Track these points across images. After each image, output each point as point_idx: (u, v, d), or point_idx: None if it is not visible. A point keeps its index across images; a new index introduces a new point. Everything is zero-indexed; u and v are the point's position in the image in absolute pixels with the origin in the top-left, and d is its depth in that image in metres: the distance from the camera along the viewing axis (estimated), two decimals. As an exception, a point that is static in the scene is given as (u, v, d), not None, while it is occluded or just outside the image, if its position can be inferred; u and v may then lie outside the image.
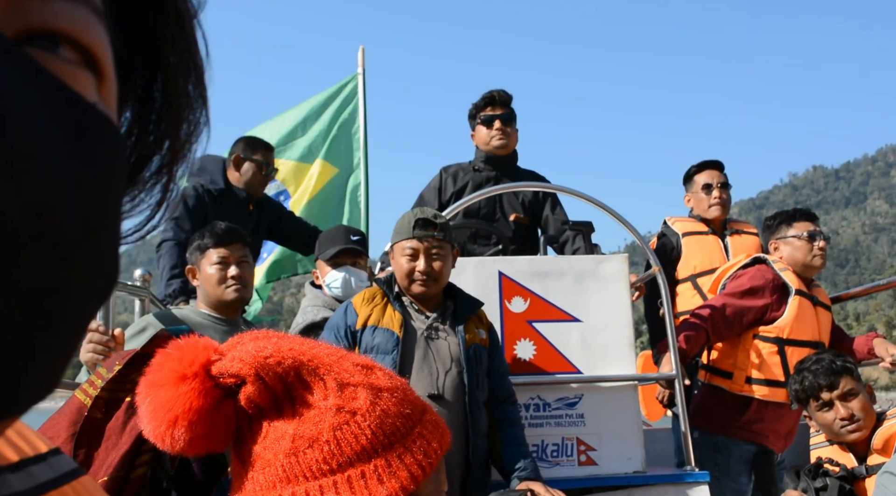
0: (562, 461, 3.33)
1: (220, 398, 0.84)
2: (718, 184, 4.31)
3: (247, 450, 0.86)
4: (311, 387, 0.85)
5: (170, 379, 0.82)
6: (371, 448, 0.84)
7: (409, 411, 0.90)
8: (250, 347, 0.86)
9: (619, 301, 3.51)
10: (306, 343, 0.91)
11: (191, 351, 0.84)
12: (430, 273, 2.88)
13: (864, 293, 4.73)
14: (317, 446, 0.83)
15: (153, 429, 0.83)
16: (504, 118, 4.26)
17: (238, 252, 3.00)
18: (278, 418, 0.84)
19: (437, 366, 2.87)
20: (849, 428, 2.79)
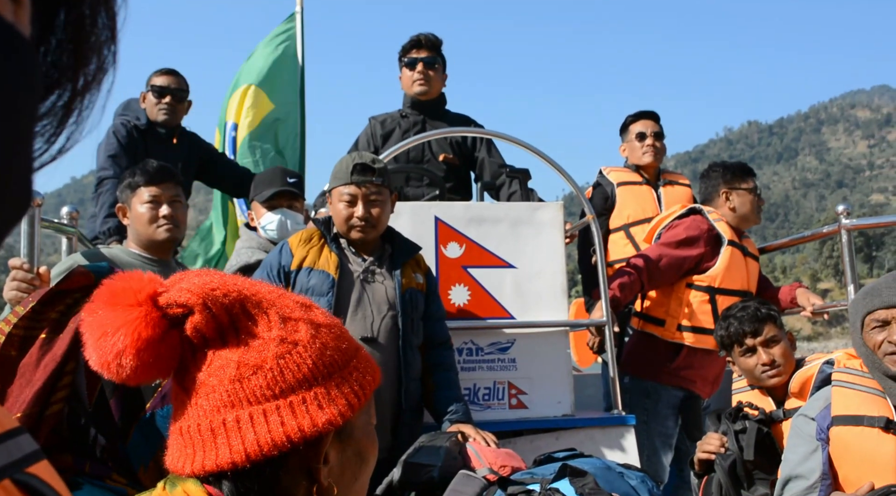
0: (493, 404, 3.38)
1: (167, 328, 0.86)
2: (652, 133, 4.35)
3: (190, 378, 0.88)
4: (256, 319, 0.89)
5: (117, 308, 0.84)
6: (311, 376, 0.88)
7: (346, 346, 0.95)
8: (196, 280, 0.89)
9: (554, 248, 3.54)
10: (249, 281, 0.95)
11: (137, 281, 0.86)
12: (368, 219, 2.86)
13: (790, 244, 4.87)
14: (261, 373, 0.87)
15: (99, 358, 0.84)
16: (427, 61, 4.20)
17: (170, 191, 2.92)
18: (223, 347, 0.88)
19: (372, 309, 2.87)
20: (769, 373, 2.88)
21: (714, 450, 2.69)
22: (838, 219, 3.97)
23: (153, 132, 4.15)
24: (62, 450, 1.18)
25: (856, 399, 2.40)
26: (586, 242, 4.30)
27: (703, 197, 4.08)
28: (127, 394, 1.19)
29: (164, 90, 4.16)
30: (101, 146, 4.07)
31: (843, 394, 2.43)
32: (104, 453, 1.19)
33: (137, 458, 1.20)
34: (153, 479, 1.21)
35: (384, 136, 4.21)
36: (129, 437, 1.19)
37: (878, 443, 2.31)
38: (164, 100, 4.15)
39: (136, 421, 1.19)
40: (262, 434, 0.85)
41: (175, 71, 4.25)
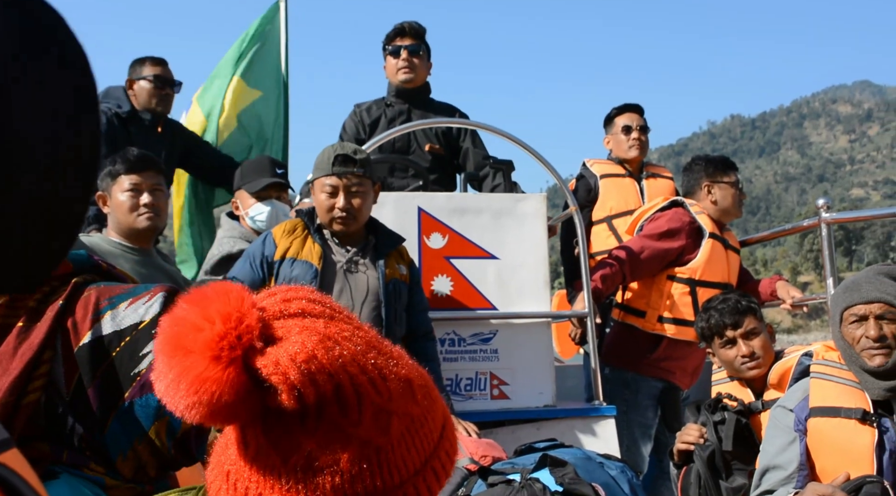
0: (475, 395, 3.39)
1: (250, 390, 0.74)
2: (638, 126, 4.36)
3: (253, 435, 0.78)
4: (346, 408, 0.76)
5: (202, 353, 0.72)
6: (382, 488, 0.78)
7: (429, 442, 0.83)
8: (297, 349, 0.74)
9: (536, 240, 3.55)
10: (355, 343, 0.79)
11: (235, 327, 0.73)
12: (349, 210, 2.85)
13: (771, 237, 4.90)
14: (329, 472, 0.76)
15: (171, 399, 0.74)
16: (411, 49, 4.19)
17: (151, 179, 2.89)
18: (299, 427, 0.77)
19: (355, 300, 2.87)
20: (749, 365, 2.90)
21: (693, 440, 2.71)
22: (818, 212, 4.00)
23: (136, 120, 4.11)
24: (39, 439, 1.17)
25: (833, 391, 2.43)
26: (569, 234, 4.30)
27: (686, 190, 4.10)
28: (105, 383, 1.18)
29: (164, 80, 4.12)
30: (79, 133, 4.02)
31: (820, 386, 2.45)
32: (82, 442, 1.18)
33: (116, 448, 1.19)
34: (131, 469, 1.21)
35: (371, 125, 4.20)
36: (107, 427, 1.18)
37: (854, 435, 2.33)
38: (164, 90, 4.12)
39: (114, 410, 1.18)
40: None
41: (166, 60, 4.22)
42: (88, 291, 1.22)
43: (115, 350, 1.18)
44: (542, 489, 2.16)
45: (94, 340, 1.18)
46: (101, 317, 1.19)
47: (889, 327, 2.37)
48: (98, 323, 1.19)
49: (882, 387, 2.36)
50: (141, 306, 1.21)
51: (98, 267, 1.30)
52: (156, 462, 1.22)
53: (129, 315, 1.20)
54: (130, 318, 1.20)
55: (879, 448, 2.30)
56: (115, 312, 1.20)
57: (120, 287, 1.25)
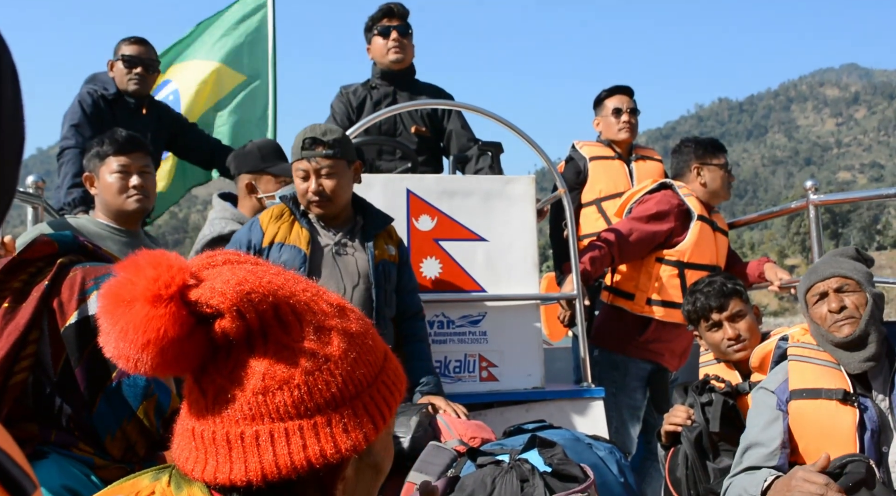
0: (464, 377, 3.40)
1: (193, 326, 0.80)
2: (628, 108, 4.36)
3: (208, 379, 0.83)
4: (288, 327, 0.83)
5: (143, 297, 0.77)
6: (340, 396, 0.83)
7: (374, 358, 0.89)
8: (228, 277, 0.81)
9: (525, 222, 3.55)
10: (283, 276, 0.87)
11: (166, 270, 0.79)
12: (322, 193, 2.83)
13: (759, 220, 4.92)
14: (287, 389, 0.81)
15: (120, 350, 0.79)
16: (400, 30, 4.18)
17: (140, 161, 2.87)
18: (249, 354, 0.82)
19: (345, 282, 2.86)
20: (735, 347, 2.93)
21: (681, 422, 2.73)
22: (806, 194, 4.01)
23: (121, 102, 4.08)
24: (28, 419, 1.16)
25: (813, 372, 2.45)
26: (558, 216, 4.31)
27: (675, 172, 4.11)
28: (93, 363, 1.17)
29: (135, 60, 4.08)
30: (66, 116, 4.00)
31: (799, 369, 2.48)
32: (70, 422, 1.18)
33: (104, 427, 1.18)
34: (119, 448, 1.21)
35: (358, 108, 4.19)
36: (95, 407, 1.17)
37: (836, 415, 2.36)
38: (134, 69, 4.08)
39: (102, 390, 1.17)
40: (282, 455, 0.80)
41: (145, 40, 4.17)
42: (74, 272, 1.21)
43: None
44: (531, 470, 2.17)
45: (80, 320, 1.17)
46: (87, 297, 1.19)
47: (850, 298, 2.42)
48: (84, 303, 1.18)
49: (858, 359, 2.38)
50: None
51: (84, 247, 1.29)
52: (145, 441, 1.22)
53: None
54: None
55: (861, 427, 2.33)
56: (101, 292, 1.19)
57: (105, 267, 1.24)
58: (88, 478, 1.15)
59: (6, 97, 0.57)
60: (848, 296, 2.43)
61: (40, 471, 1.10)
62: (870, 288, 2.46)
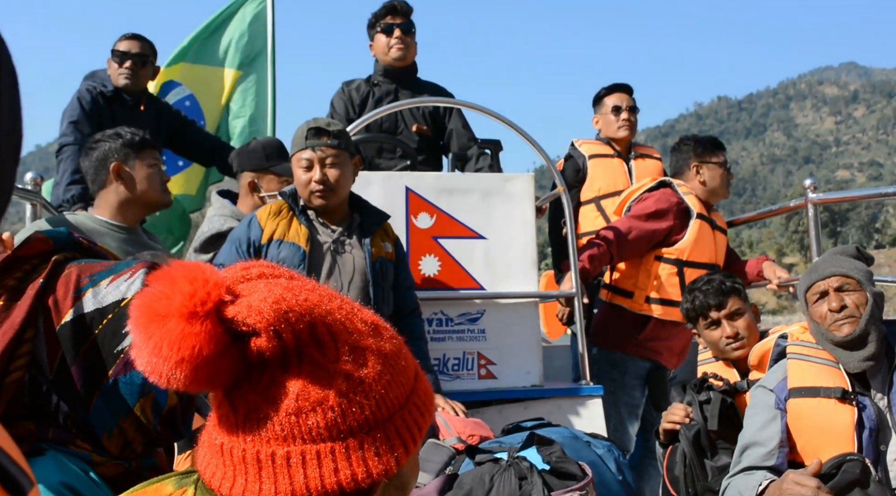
0: (462, 374, 3.40)
1: (228, 344, 0.78)
2: (627, 106, 4.35)
3: (241, 395, 0.81)
4: (324, 347, 0.81)
5: (178, 314, 0.76)
6: (373, 419, 0.82)
7: (406, 379, 0.87)
8: (265, 294, 0.80)
9: (524, 220, 3.55)
10: (319, 292, 0.86)
11: (202, 285, 0.77)
12: (325, 182, 2.83)
13: (758, 218, 4.93)
14: (320, 410, 0.79)
15: (153, 366, 0.77)
16: (404, 27, 4.18)
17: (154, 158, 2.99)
18: (283, 373, 0.80)
19: (343, 279, 2.86)
20: (733, 345, 2.93)
21: (679, 420, 2.72)
22: (805, 193, 4.01)
23: (119, 99, 4.07)
24: (24, 417, 1.16)
25: (811, 371, 2.45)
26: (557, 214, 4.31)
27: (674, 170, 4.10)
28: (89, 361, 1.17)
29: (125, 55, 4.08)
30: (65, 112, 3.99)
31: (798, 367, 2.48)
32: (67, 420, 1.18)
33: (101, 425, 1.18)
34: (118, 445, 1.20)
35: (360, 105, 4.19)
36: (91, 404, 1.17)
37: (834, 414, 2.36)
38: (124, 65, 4.07)
39: (98, 388, 1.17)
40: (313, 477, 0.78)
41: (139, 35, 4.16)
42: (69, 269, 1.21)
43: (97, 328, 1.17)
44: (530, 467, 2.16)
45: (75, 318, 1.17)
46: (83, 294, 1.18)
47: (850, 297, 2.42)
48: (79, 301, 1.18)
49: (857, 358, 2.38)
50: (122, 283, 1.20)
51: (79, 244, 1.28)
52: (142, 438, 1.22)
53: (111, 292, 1.19)
54: (112, 295, 1.19)
55: (859, 426, 2.33)
56: (96, 289, 1.19)
57: (101, 264, 1.24)
58: (87, 474, 1.15)
59: (3, 95, 0.56)
60: (848, 296, 2.43)
61: (38, 468, 1.10)
62: (870, 287, 2.46)
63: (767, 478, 2.30)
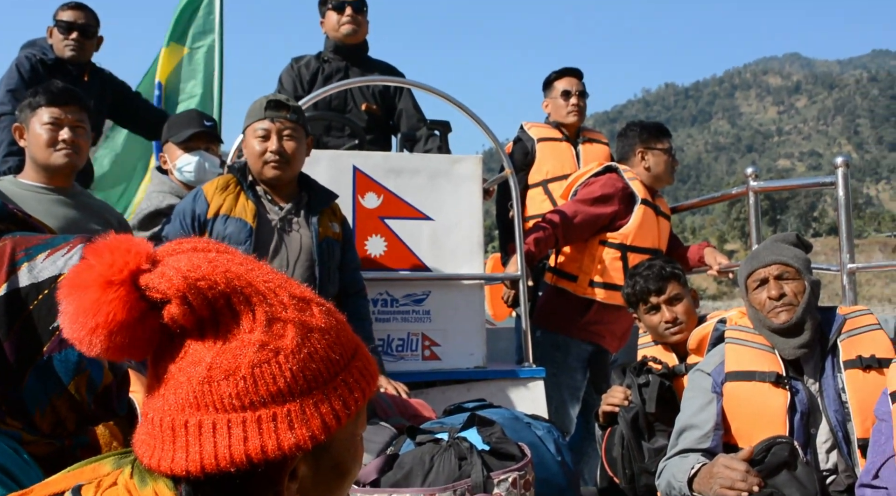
0: (406, 355, 3.41)
1: (145, 310, 0.79)
2: (577, 91, 4.38)
3: (163, 366, 0.82)
4: (239, 316, 0.81)
5: (96, 282, 0.77)
6: (287, 391, 0.81)
7: (337, 356, 0.86)
8: (184, 264, 0.80)
9: (471, 202, 3.56)
10: (246, 265, 0.85)
11: (122, 255, 0.78)
12: (282, 153, 2.80)
13: (701, 205, 5.01)
14: (232, 379, 0.79)
15: (72, 332, 0.78)
16: (356, 5, 4.15)
17: (74, 114, 2.76)
18: (199, 342, 0.81)
19: (289, 258, 2.84)
20: (672, 330, 2.99)
21: (618, 402, 2.77)
22: (747, 181, 4.09)
23: (61, 68, 3.96)
24: (-47, 394, 1.13)
25: (747, 355, 2.51)
26: (504, 197, 4.32)
27: (620, 155, 4.14)
28: (23, 336, 1.14)
29: (72, 25, 3.96)
30: (2, 80, 3.87)
31: (735, 351, 2.54)
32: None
33: (33, 402, 1.16)
34: (50, 424, 1.18)
35: (309, 82, 4.14)
36: (24, 381, 1.14)
37: (768, 398, 2.42)
38: (70, 35, 3.96)
39: (32, 364, 1.14)
40: (222, 447, 0.78)
41: (83, 5, 4.05)
42: (3, 241, 1.18)
43: (32, 303, 1.14)
44: (469, 448, 2.19)
45: (10, 292, 1.14)
46: (18, 268, 1.16)
47: (789, 285, 2.48)
48: (14, 274, 1.15)
49: (792, 345, 2.45)
50: (59, 258, 1.17)
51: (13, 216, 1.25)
52: (75, 416, 1.20)
53: (48, 267, 1.16)
54: (49, 270, 1.16)
55: (791, 410, 2.40)
56: (32, 264, 1.16)
57: (37, 237, 1.21)
58: (18, 453, 1.12)
59: None
60: (787, 284, 2.49)
61: (-34, 446, 1.07)
62: (808, 275, 2.53)
63: (700, 461, 2.36)
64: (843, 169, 3.52)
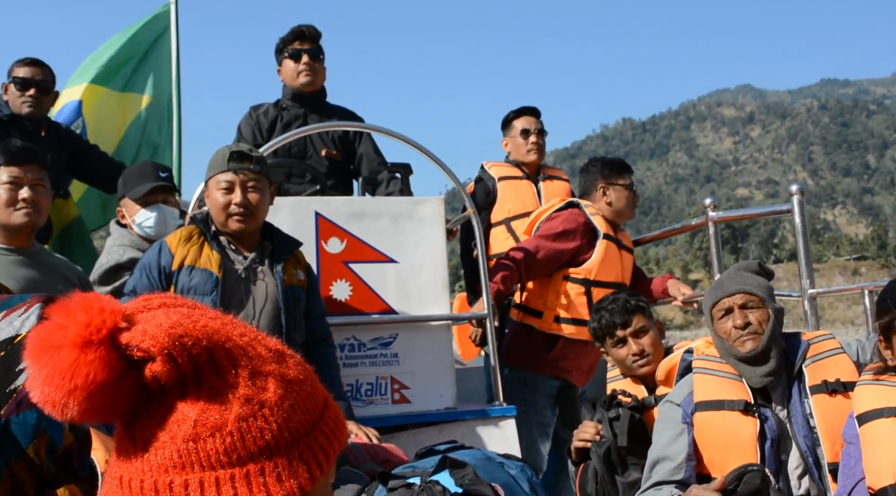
0: (376, 399, 3.38)
1: (123, 371, 0.76)
2: (535, 130, 4.44)
3: (139, 425, 0.79)
4: (222, 372, 0.80)
5: (73, 343, 0.74)
6: (275, 444, 0.80)
7: (314, 405, 0.86)
8: (162, 320, 0.78)
9: (435, 243, 3.56)
10: (220, 319, 0.84)
11: (98, 313, 0.76)
12: (246, 206, 2.79)
13: (662, 237, 5.07)
14: (219, 436, 0.78)
15: (46, 395, 0.75)
16: (312, 53, 4.18)
17: (34, 173, 2.75)
18: (181, 399, 0.78)
19: (255, 307, 2.82)
20: (639, 362, 3.00)
21: (589, 437, 2.77)
22: (706, 212, 4.16)
23: (18, 124, 3.93)
24: None
25: (715, 384, 2.53)
26: (468, 237, 4.34)
27: (582, 190, 4.19)
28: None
29: (28, 82, 3.95)
30: (-44, 137, 3.83)
31: (703, 381, 2.56)
32: (-46, 462, 1.12)
33: (-9, 467, 1.13)
34: (8, 489, 1.15)
35: (269, 130, 4.14)
36: (-19, 446, 1.11)
37: (738, 426, 2.44)
38: (27, 92, 3.94)
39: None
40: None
41: (39, 61, 4.04)
42: (-41, 304, 1.16)
43: None
44: (442, 491, 2.16)
45: None
46: (-27, 332, 1.13)
47: (754, 314, 2.52)
48: None
49: (759, 374, 2.47)
50: (16, 318, 1.15)
51: (-32, 278, 1.23)
52: (34, 481, 1.16)
53: (4, 328, 1.14)
54: (5, 332, 1.14)
55: (762, 437, 2.42)
56: None
57: None
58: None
59: None
60: (752, 313, 2.52)
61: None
62: (772, 303, 2.56)
63: (674, 493, 2.36)
64: (799, 196, 3.59)
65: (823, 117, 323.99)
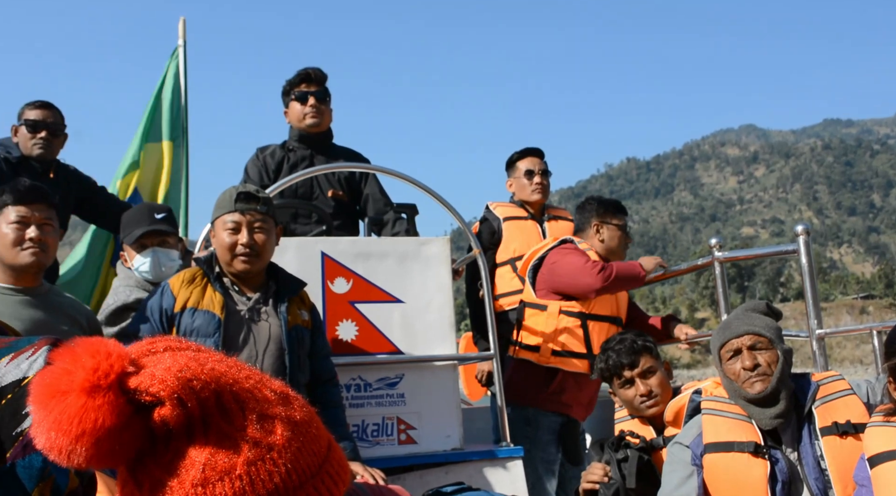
0: (382, 440, 3.35)
1: (131, 415, 0.76)
2: (539, 170, 4.47)
3: (144, 470, 0.78)
4: (230, 415, 0.79)
5: (81, 388, 0.74)
6: (283, 487, 0.79)
7: (319, 448, 0.86)
8: (170, 363, 0.78)
9: (441, 283, 3.56)
10: (226, 362, 0.84)
11: (105, 358, 0.76)
12: (252, 246, 2.80)
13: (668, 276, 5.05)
14: (228, 480, 0.77)
15: (52, 441, 0.74)
16: (318, 95, 4.22)
17: (42, 212, 2.75)
18: (188, 444, 0.78)
19: (258, 347, 2.81)
20: (647, 403, 2.98)
21: (598, 479, 2.74)
22: (712, 251, 4.15)
23: (27, 166, 3.96)
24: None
25: (725, 426, 2.51)
26: (474, 277, 4.34)
27: (577, 227, 4.22)
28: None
29: (39, 124, 3.99)
30: (-34, 180, 3.85)
31: (712, 422, 2.53)
32: (-42, 507, 1.11)
33: (-4, 512, 1.12)
34: (14, 534, 1.14)
35: (275, 171, 4.17)
36: (-13, 490, 1.11)
37: (748, 468, 2.41)
38: (38, 134, 3.98)
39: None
40: None
41: (50, 103, 4.09)
42: (-35, 347, 1.16)
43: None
44: (450, 535, 2.13)
45: None
46: (-20, 376, 1.13)
47: (762, 356, 2.50)
48: None
49: (769, 416, 2.45)
50: (24, 361, 1.15)
51: (-23, 321, 1.23)
52: None
53: (11, 371, 1.14)
54: (12, 374, 1.14)
55: (772, 479, 2.39)
56: None
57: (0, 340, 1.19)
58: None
59: None
60: (761, 354, 2.50)
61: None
62: (780, 344, 2.54)
63: None
64: (804, 237, 3.58)
65: (827, 157, 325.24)
